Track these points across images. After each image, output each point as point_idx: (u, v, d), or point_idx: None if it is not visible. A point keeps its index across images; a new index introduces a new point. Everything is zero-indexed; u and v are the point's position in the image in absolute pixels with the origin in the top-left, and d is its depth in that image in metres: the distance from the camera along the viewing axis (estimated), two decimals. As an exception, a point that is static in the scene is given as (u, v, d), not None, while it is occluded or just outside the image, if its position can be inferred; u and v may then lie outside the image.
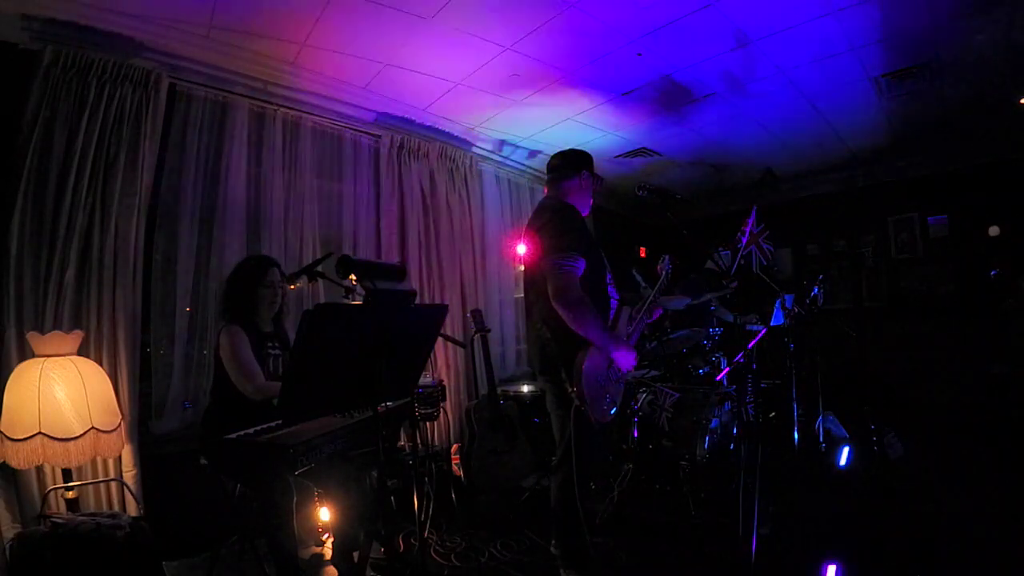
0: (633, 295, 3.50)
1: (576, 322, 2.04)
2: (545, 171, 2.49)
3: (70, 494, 2.08)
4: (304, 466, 1.61)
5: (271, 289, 2.29)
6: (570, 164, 2.36)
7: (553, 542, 2.35)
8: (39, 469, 2.15)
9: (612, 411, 2.27)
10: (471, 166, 4.41)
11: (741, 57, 3.26)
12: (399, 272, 1.85)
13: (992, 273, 4.66)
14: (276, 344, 2.34)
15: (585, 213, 2.38)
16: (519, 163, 4.96)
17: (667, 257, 2.55)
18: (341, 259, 1.70)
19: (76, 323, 2.31)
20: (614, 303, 2.35)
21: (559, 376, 2.12)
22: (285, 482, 1.89)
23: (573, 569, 2.20)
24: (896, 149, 5.21)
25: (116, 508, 2.32)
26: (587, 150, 2.47)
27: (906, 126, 4.59)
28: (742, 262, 3.45)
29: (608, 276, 2.33)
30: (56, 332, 2.08)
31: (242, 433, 1.76)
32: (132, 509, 2.33)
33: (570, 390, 2.08)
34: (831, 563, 2.15)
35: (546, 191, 2.44)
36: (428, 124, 4.03)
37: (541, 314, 2.19)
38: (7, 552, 1.83)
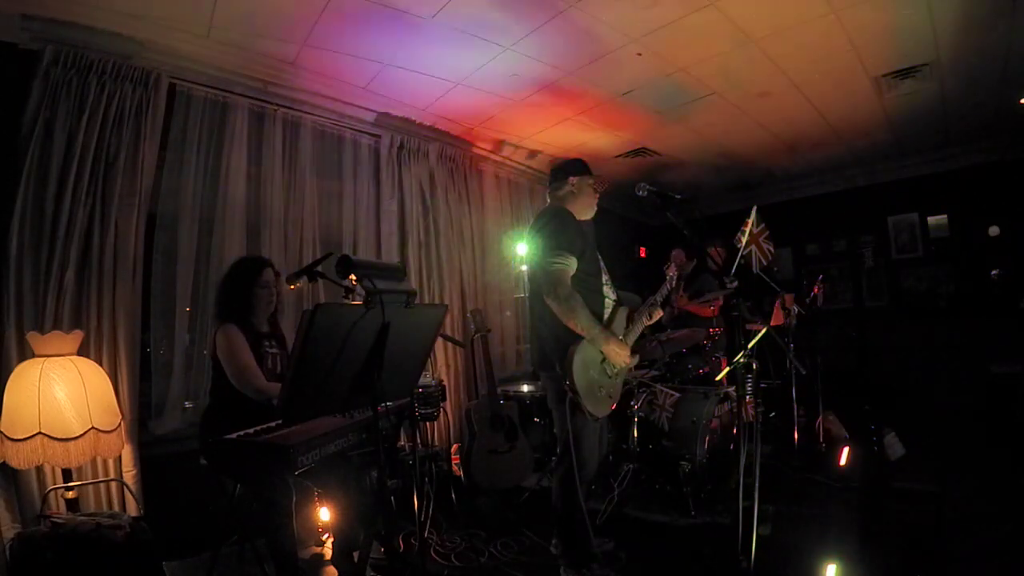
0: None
1: (566, 315, 2.14)
2: (545, 172, 2.52)
3: (70, 494, 2.08)
4: (304, 466, 1.61)
5: (267, 289, 2.28)
6: (558, 175, 2.45)
7: (553, 542, 2.35)
8: (39, 469, 2.15)
9: (610, 405, 2.31)
10: (471, 166, 4.40)
11: (741, 57, 3.26)
12: (399, 272, 1.85)
13: (992, 273, 4.65)
14: (273, 343, 2.33)
15: (588, 216, 2.45)
16: (519, 163, 4.95)
17: (672, 263, 2.60)
18: (341, 259, 1.69)
19: (76, 323, 2.31)
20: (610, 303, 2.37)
21: (555, 370, 2.20)
22: (285, 482, 1.89)
23: (573, 568, 2.21)
24: (896, 149, 5.21)
25: (116, 508, 2.32)
26: (587, 150, 2.48)
27: (906, 126, 4.58)
28: (742, 262, 3.45)
29: (605, 277, 2.40)
30: (56, 332, 2.08)
31: (242, 433, 1.76)
32: (132, 509, 2.33)
33: (565, 383, 2.14)
34: (831, 563, 2.15)
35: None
36: (428, 124, 4.03)
37: (538, 312, 2.30)
38: (7, 552, 1.83)
